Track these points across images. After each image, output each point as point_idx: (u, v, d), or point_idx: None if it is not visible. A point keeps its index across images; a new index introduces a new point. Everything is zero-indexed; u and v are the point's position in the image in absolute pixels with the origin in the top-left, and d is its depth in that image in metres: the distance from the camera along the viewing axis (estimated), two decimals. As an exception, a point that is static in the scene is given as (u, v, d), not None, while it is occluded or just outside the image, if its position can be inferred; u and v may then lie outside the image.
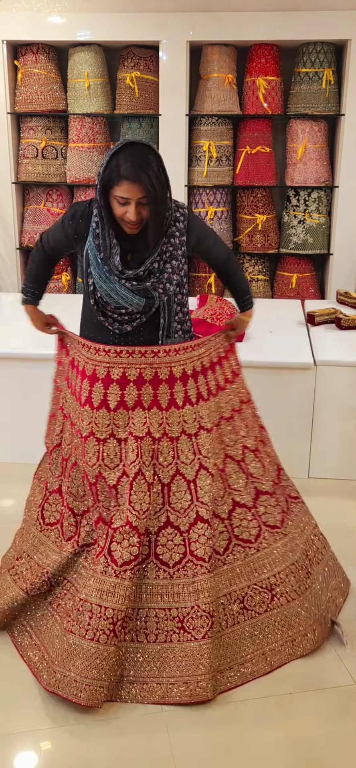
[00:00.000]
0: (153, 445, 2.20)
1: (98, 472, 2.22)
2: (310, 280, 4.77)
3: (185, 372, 2.24)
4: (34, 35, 4.45)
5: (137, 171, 1.91)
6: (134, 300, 2.07)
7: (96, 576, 2.12)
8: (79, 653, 2.02)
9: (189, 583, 2.17)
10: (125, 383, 2.18)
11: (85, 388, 2.22)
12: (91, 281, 2.10)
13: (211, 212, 4.66)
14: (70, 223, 2.16)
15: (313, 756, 1.85)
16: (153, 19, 4.36)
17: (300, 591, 2.28)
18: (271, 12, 4.28)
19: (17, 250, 4.87)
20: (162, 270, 2.10)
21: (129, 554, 2.12)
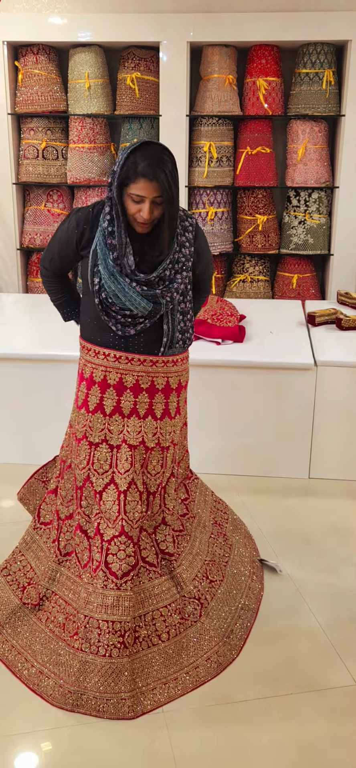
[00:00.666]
0: (145, 454, 2.22)
1: (86, 476, 2.22)
2: (311, 280, 4.77)
3: (180, 383, 2.27)
4: (34, 36, 4.45)
5: (154, 169, 1.92)
6: (142, 304, 2.05)
7: (97, 591, 2.12)
8: (94, 670, 2.02)
9: (170, 577, 2.26)
10: (122, 389, 2.18)
11: (83, 390, 2.23)
12: (97, 280, 2.07)
13: (211, 213, 4.66)
14: (75, 232, 2.12)
15: (314, 756, 1.85)
16: (154, 19, 4.36)
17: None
18: (271, 13, 4.29)
19: (18, 251, 4.88)
20: (172, 279, 2.09)
21: (127, 565, 2.13)
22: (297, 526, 2.97)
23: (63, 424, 2.87)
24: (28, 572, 2.37)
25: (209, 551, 2.48)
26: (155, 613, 2.19)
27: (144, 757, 1.85)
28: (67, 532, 2.32)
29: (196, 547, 2.42)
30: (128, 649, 2.07)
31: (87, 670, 2.03)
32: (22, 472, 3.34)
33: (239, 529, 2.75)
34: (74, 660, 2.06)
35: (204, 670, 2.13)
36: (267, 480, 3.34)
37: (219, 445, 3.35)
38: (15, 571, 2.39)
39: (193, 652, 2.17)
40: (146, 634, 2.15)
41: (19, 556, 2.44)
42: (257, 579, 2.54)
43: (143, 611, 2.18)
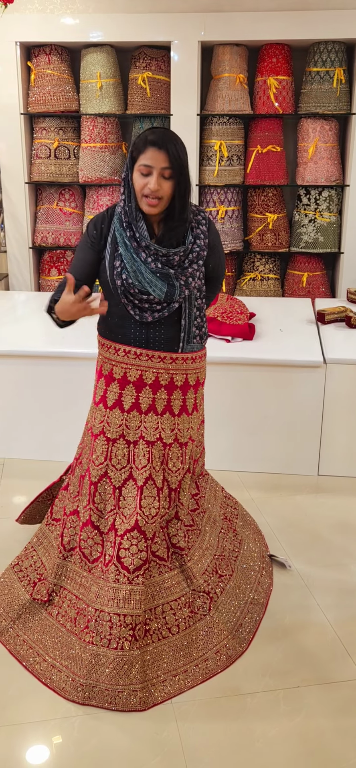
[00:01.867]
0: (163, 450, 2.25)
1: (103, 472, 2.25)
2: (321, 278, 4.78)
3: (198, 380, 2.31)
4: (47, 36, 4.50)
5: (163, 139, 1.99)
6: (158, 284, 2.08)
7: (108, 585, 2.14)
8: (105, 663, 2.05)
9: (180, 571, 2.29)
10: (142, 386, 2.20)
11: (101, 387, 2.26)
12: (118, 263, 2.11)
13: (222, 211, 4.68)
14: (94, 233, 2.17)
15: (320, 749, 1.87)
16: (165, 19, 4.39)
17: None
18: (282, 12, 4.30)
19: (30, 249, 4.92)
20: (187, 267, 2.13)
21: (139, 560, 2.16)
22: (306, 522, 2.99)
23: (75, 421, 2.91)
24: (39, 568, 2.40)
25: (219, 546, 2.50)
26: (165, 606, 2.22)
27: (153, 747, 1.88)
28: (70, 528, 2.34)
29: (206, 541, 2.44)
30: (138, 641, 2.10)
31: (98, 663, 2.06)
32: (34, 468, 3.39)
33: (249, 524, 2.77)
34: (86, 653, 2.09)
35: (214, 662, 2.16)
36: (277, 477, 3.36)
37: (229, 442, 3.37)
38: (26, 567, 2.43)
39: (202, 645, 2.20)
40: (157, 627, 2.18)
41: (31, 552, 2.47)
42: (267, 574, 2.57)
43: (153, 604, 2.20)
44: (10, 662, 2.16)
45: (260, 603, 2.42)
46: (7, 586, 2.39)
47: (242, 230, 4.86)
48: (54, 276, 4.96)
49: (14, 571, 2.43)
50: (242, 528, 2.71)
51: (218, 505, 2.66)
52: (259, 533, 2.78)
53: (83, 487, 2.31)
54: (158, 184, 2.00)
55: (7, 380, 3.42)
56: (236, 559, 2.53)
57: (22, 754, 1.86)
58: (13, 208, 4.85)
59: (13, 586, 2.38)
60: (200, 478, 2.58)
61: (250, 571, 2.52)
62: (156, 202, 2.03)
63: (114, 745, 1.89)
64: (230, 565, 2.48)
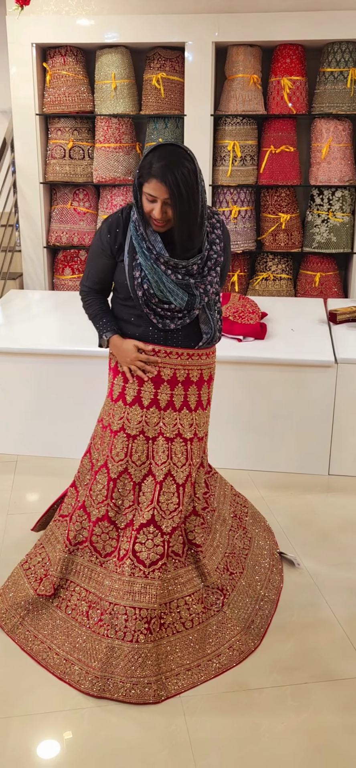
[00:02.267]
0: (185, 445, 2.27)
1: (124, 468, 2.27)
2: (333, 278, 4.78)
3: (211, 375, 2.34)
4: (62, 38, 4.54)
5: (165, 171, 1.94)
6: (179, 294, 2.09)
7: (124, 578, 2.17)
8: (121, 655, 2.08)
9: (195, 567, 2.31)
10: (160, 382, 2.23)
11: (118, 383, 2.28)
12: (138, 273, 2.11)
13: (235, 211, 4.70)
14: (108, 237, 2.16)
15: (328, 745, 1.89)
16: (179, 20, 4.41)
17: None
18: (296, 12, 4.31)
19: (44, 249, 4.98)
20: (206, 274, 2.14)
21: (155, 554, 2.19)
22: (316, 521, 3.00)
23: (88, 419, 2.95)
24: (46, 564, 2.42)
25: (229, 544, 2.52)
26: (180, 601, 2.25)
27: (161, 740, 1.91)
28: (76, 522, 2.36)
29: (216, 540, 2.47)
30: (153, 635, 2.13)
31: (114, 656, 2.09)
32: (47, 465, 3.43)
33: (259, 522, 2.79)
34: (101, 646, 2.12)
35: (227, 657, 2.18)
36: (287, 476, 3.37)
37: (240, 441, 3.39)
38: (34, 564, 2.45)
39: (215, 641, 2.22)
40: (171, 621, 2.21)
41: (40, 549, 2.50)
42: (277, 571, 2.59)
43: (168, 599, 2.23)
44: (22, 655, 2.20)
45: (271, 600, 2.44)
46: (15, 584, 2.41)
47: (255, 230, 4.87)
48: (68, 275, 5.01)
49: (23, 569, 2.46)
50: (251, 525, 2.73)
51: (228, 504, 2.69)
52: (269, 531, 2.80)
53: (96, 484, 2.34)
54: (163, 212, 2.00)
55: (21, 378, 3.46)
56: (247, 556, 2.55)
57: (33, 746, 1.89)
58: (28, 207, 4.90)
59: (20, 583, 2.41)
60: (208, 476, 2.60)
61: (260, 568, 2.54)
62: (162, 224, 2.04)
63: (123, 738, 1.92)
64: (241, 563, 2.50)
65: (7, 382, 3.48)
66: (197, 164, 2.02)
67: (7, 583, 2.43)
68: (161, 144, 2.01)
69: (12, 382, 3.47)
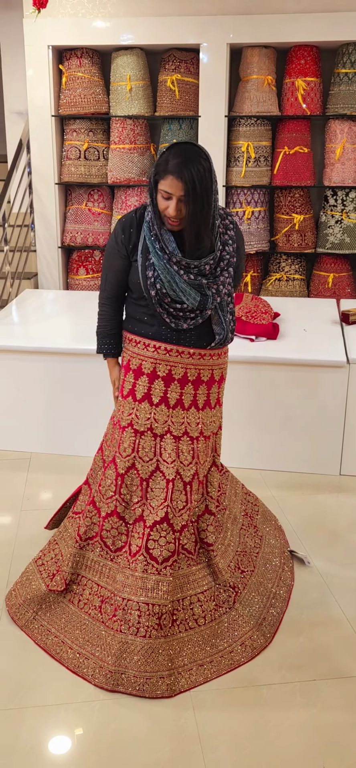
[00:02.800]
0: (192, 444, 2.30)
1: (131, 464, 2.29)
2: (347, 279, 4.78)
3: (222, 375, 2.36)
4: (78, 40, 4.59)
5: (181, 168, 1.96)
6: (192, 294, 2.11)
7: (137, 575, 2.20)
8: (134, 650, 2.11)
9: (207, 565, 2.34)
10: (170, 381, 2.25)
11: (129, 380, 2.30)
12: (151, 273, 2.13)
13: (248, 212, 4.72)
14: (123, 237, 2.19)
15: (334, 741, 1.90)
16: (194, 22, 4.44)
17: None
18: (310, 13, 4.32)
19: (59, 249, 5.02)
20: (218, 275, 2.16)
21: (168, 551, 2.22)
22: (326, 521, 3.01)
23: (101, 417, 2.98)
24: (58, 560, 2.45)
25: (240, 542, 2.55)
26: (193, 597, 2.28)
27: (170, 733, 1.93)
28: (87, 518, 2.38)
29: (227, 538, 2.49)
30: (163, 630, 2.16)
31: (127, 651, 2.12)
32: (58, 462, 3.47)
33: (270, 520, 2.81)
34: (114, 641, 2.15)
35: (238, 654, 2.20)
36: (299, 476, 3.38)
37: (252, 440, 3.41)
38: (47, 561, 2.48)
39: (227, 637, 2.25)
40: (184, 617, 2.24)
41: (53, 545, 2.53)
42: (288, 569, 2.60)
43: (181, 595, 2.26)
44: (34, 647, 2.24)
45: (282, 597, 2.45)
46: (28, 580, 2.44)
47: (269, 231, 4.88)
48: (82, 275, 5.05)
49: (36, 566, 2.49)
50: (262, 524, 2.75)
51: (239, 502, 2.70)
52: (280, 529, 2.81)
53: (105, 479, 2.37)
54: (178, 210, 2.02)
55: (35, 376, 3.51)
56: (258, 555, 2.57)
57: (44, 737, 1.93)
58: (43, 208, 4.96)
59: (33, 579, 2.44)
60: (220, 475, 2.62)
61: (271, 566, 2.56)
62: (177, 222, 2.06)
63: (132, 731, 1.94)
64: (252, 561, 2.52)
65: (22, 381, 3.53)
66: (212, 164, 2.04)
67: (21, 579, 2.47)
68: (177, 142, 2.04)
69: (26, 380, 3.52)
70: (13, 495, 3.18)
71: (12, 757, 1.85)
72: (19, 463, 3.49)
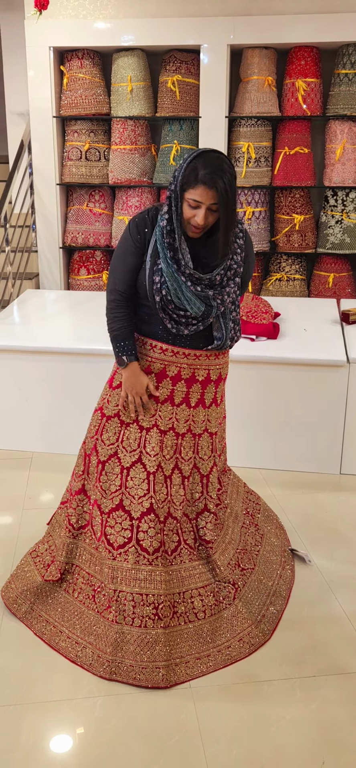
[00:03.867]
0: (176, 440, 2.33)
1: (113, 452, 2.32)
2: (347, 279, 4.79)
3: (220, 375, 2.38)
4: (79, 41, 4.61)
5: (213, 177, 1.98)
6: (197, 303, 2.13)
7: (129, 566, 2.23)
8: (130, 640, 2.15)
9: (205, 562, 2.37)
10: (163, 377, 2.28)
11: (121, 373, 2.32)
12: (158, 278, 2.13)
13: (249, 212, 4.73)
14: (138, 238, 2.17)
15: (334, 736, 1.92)
16: (194, 23, 4.46)
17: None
18: (311, 14, 4.33)
19: (60, 249, 5.04)
20: (225, 285, 2.18)
21: (157, 542, 2.25)
22: (326, 519, 3.02)
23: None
24: (52, 550, 2.49)
25: (241, 540, 2.56)
26: (194, 591, 2.31)
27: (171, 727, 1.95)
28: (77, 507, 2.42)
29: (228, 536, 2.51)
30: (162, 621, 2.18)
31: (124, 640, 2.15)
32: (60, 462, 3.49)
33: (271, 519, 2.82)
34: (110, 631, 2.18)
35: (236, 650, 2.22)
36: (299, 475, 3.40)
37: (252, 439, 3.42)
38: (42, 552, 2.52)
39: (226, 633, 2.27)
40: (184, 610, 2.27)
41: (47, 537, 2.58)
42: (289, 567, 2.62)
43: (182, 588, 2.29)
44: (35, 644, 2.25)
45: (282, 595, 2.47)
46: (23, 572, 2.48)
47: (269, 231, 4.90)
48: (83, 275, 5.07)
49: (31, 557, 2.53)
50: (263, 522, 2.76)
51: (240, 501, 2.72)
52: (281, 528, 2.83)
53: (91, 466, 2.39)
54: (205, 218, 2.04)
55: (36, 376, 3.52)
56: (258, 553, 2.59)
57: (46, 733, 1.94)
58: (44, 209, 4.97)
59: (28, 570, 2.47)
60: (222, 474, 2.64)
61: (272, 564, 2.58)
62: (200, 231, 2.08)
63: (134, 725, 1.96)
64: (252, 559, 2.54)
65: (23, 380, 3.55)
66: (233, 166, 2.07)
67: (16, 571, 2.49)
68: (202, 151, 2.04)
69: (28, 380, 3.54)
70: (15, 494, 3.20)
71: (14, 753, 1.87)
72: (21, 463, 3.51)
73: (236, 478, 2.79)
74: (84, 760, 1.85)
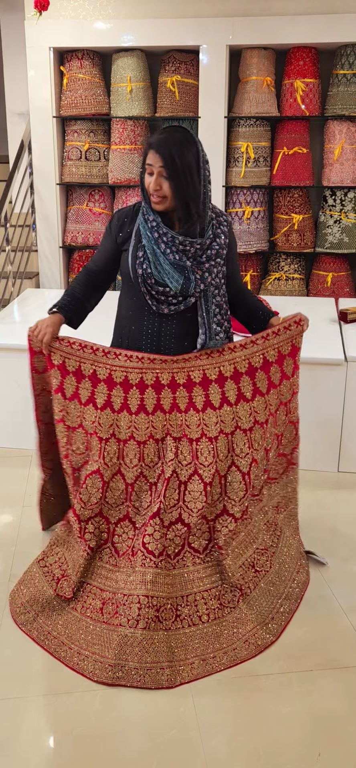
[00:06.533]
0: (191, 445, 2.34)
1: (139, 472, 2.36)
2: (345, 278, 4.82)
3: (221, 373, 2.37)
4: (79, 42, 4.63)
5: (161, 142, 2.09)
6: (175, 276, 2.18)
7: (136, 569, 2.25)
8: (134, 643, 2.14)
9: (215, 564, 2.36)
10: (160, 388, 2.32)
11: (118, 395, 2.35)
12: (140, 254, 2.22)
13: (248, 212, 4.76)
14: (116, 224, 2.32)
15: (331, 729, 1.94)
16: (194, 24, 4.48)
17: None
18: (310, 15, 4.36)
19: (60, 249, 5.07)
20: (204, 261, 2.23)
21: (162, 545, 2.27)
22: (325, 517, 3.04)
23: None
24: (62, 564, 2.46)
25: (262, 540, 2.51)
26: (197, 595, 2.30)
27: (169, 721, 1.97)
28: (96, 528, 2.40)
29: (252, 533, 2.47)
30: (162, 623, 2.19)
31: (127, 643, 2.14)
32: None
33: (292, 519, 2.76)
34: (114, 635, 2.17)
35: (242, 650, 2.20)
36: (297, 472, 3.42)
37: (251, 438, 3.44)
38: (51, 564, 2.48)
39: (231, 635, 2.24)
40: (188, 613, 2.26)
41: (55, 548, 2.53)
42: (304, 571, 2.57)
43: (186, 592, 2.29)
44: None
45: (294, 598, 2.43)
46: (32, 580, 2.44)
47: (268, 231, 4.93)
48: (83, 274, 5.09)
49: (39, 566, 2.49)
50: (286, 520, 2.70)
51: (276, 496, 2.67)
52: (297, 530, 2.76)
53: (111, 491, 2.40)
54: (158, 184, 2.12)
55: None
56: (274, 554, 2.52)
57: (45, 725, 1.97)
58: (44, 208, 5.00)
59: (38, 580, 2.44)
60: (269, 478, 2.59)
61: (287, 567, 2.53)
62: (159, 199, 2.16)
63: (133, 718, 1.98)
64: (269, 560, 2.49)
65: (23, 379, 3.56)
66: (202, 150, 2.14)
67: (24, 578, 2.47)
68: (168, 125, 2.17)
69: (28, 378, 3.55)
70: (15, 492, 3.22)
71: (15, 744, 1.89)
72: (21, 461, 3.53)
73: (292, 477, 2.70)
74: (84, 753, 1.87)
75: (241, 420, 2.39)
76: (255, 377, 2.41)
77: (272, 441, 2.52)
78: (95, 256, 2.43)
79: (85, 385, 2.38)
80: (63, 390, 2.39)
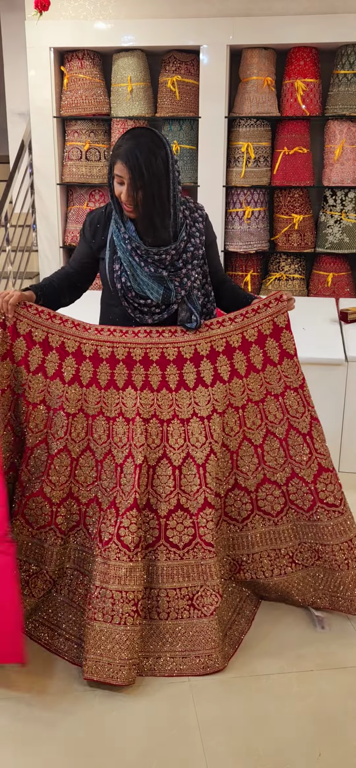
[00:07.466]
0: (161, 427, 2.26)
1: (107, 450, 2.29)
2: (346, 279, 4.81)
3: (198, 352, 2.27)
4: (80, 42, 4.63)
5: (127, 152, 2.00)
6: (154, 287, 2.14)
7: (110, 563, 2.16)
8: (109, 638, 2.09)
9: (198, 564, 2.25)
10: (132, 363, 2.25)
11: (87, 369, 2.27)
12: (117, 266, 2.17)
13: (248, 212, 4.75)
14: (89, 229, 2.26)
15: (332, 730, 1.94)
16: (194, 24, 4.48)
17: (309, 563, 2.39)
18: (310, 15, 4.35)
19: (61, 249, 5.07)
20: (181, 267, 2.17)
21: (138, 537, 2.18)
22: (325, 517, 3.04)
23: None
24: (23, 564, 2.36)
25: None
26: (162, 591, 2.24)
27: (170, 721, 1.97)
28: (65, 512, 2.33)
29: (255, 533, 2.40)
30: (140, 617, 2.14)
31: (102, 638, 2.09)
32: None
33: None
34: (88, 628, 2.12)
35: (209, 660, 2.16)
36: (298, 472, 3.41)
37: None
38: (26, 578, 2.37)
39: (202, 642, 2.18)
40: (155, 605, 2.23)
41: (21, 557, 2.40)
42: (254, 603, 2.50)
43: (150, 586, 2.24)
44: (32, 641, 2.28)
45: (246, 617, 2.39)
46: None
47: (269, 231, 4.92)
48: (84, 274, 5.09)
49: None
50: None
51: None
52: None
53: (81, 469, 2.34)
54: (128, 195, 2.04)
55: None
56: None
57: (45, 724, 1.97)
58: (44, 208, 5.00)
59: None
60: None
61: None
62: (131, 208, 2.09)
63: (133, 718, 1.98)
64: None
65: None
66: (170, 151, 2.04)
67: None
68: (134, 128, 2.07)
69: None
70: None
71: (14, 744, 1.89)
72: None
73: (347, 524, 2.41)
74: (83, 753, 1.87)
75: (217, 403, 2.28)
76: (233, 358, 2.30)
77: (263, 437, 2.37)
78: (72, 259, 2.37)
79: (53, 357, 2.28)
80: (27, 362, 2.27)
